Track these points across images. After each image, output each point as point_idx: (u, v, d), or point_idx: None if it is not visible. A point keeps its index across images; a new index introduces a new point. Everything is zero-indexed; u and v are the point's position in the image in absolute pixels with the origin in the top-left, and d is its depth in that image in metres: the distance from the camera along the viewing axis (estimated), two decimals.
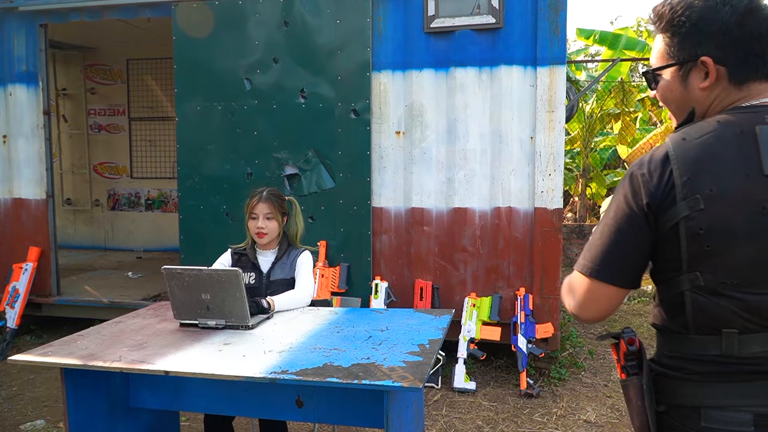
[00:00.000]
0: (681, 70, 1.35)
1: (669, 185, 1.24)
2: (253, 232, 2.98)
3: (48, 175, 5.52)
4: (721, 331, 1.24)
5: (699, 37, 1.31)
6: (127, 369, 2.15)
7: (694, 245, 1.23)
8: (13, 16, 5.43)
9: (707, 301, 1.24)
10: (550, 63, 4.37)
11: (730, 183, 1.21)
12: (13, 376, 4.75)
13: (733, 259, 1.21)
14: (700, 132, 1.27)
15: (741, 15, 1.29)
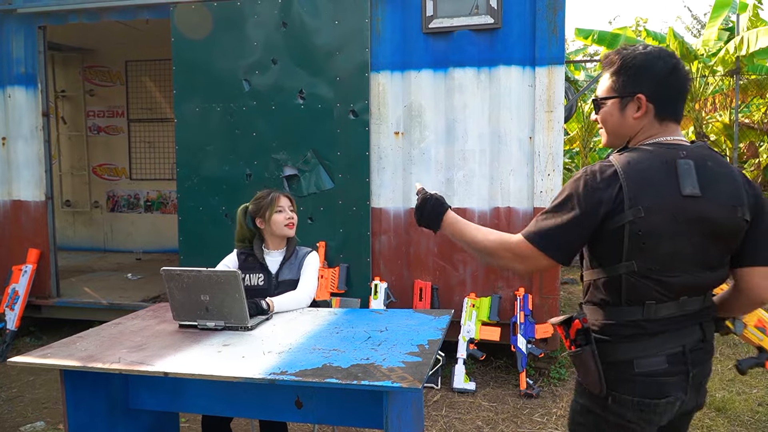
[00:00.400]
0: (621, 102, 1.79)
1: (619, 197, 1.65)
2: (281, 224, 2.99)
3: (47, 177, 5.52)
4: (644, 303, 1.71)
5: (638, 80, 1.76)
6: (127, 370, 2.15)
7: (633, 242, 1.66)
8: (12, 18, 5.43)
9: (637, 281, 1.69)
10: (548, 63, 4.37)
11: (661, 199, 1.65)
12: (12, 377, 4.75)
13: (658, 253, 1.67)
14: (639, 159, 1.70)
15: (669, 70, 1.75)
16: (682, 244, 1.68)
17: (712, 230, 1.69)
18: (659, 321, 1.71)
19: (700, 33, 16.46)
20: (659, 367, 1.71)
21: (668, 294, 1.70)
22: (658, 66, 1.75)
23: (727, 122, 10.07)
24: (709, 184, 1.69)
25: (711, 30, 10.00)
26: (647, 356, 1.71)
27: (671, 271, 1.69)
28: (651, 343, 1.71)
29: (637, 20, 14.45)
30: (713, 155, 1.77)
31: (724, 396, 4.22)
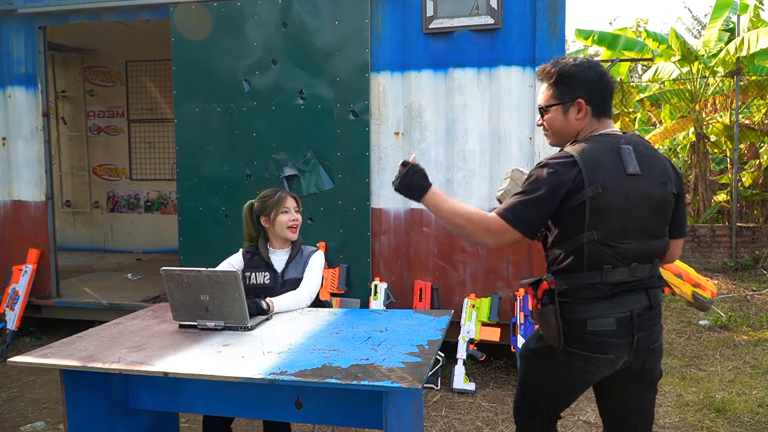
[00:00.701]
0: (563, 107, 2.13)
1: (578, 178, 1.97)
2: (284, 225, 2.98)
3: (47, 177, 5.52)
4: (602, 267, 2.01)
5: (575, 87, 2.11)
6: (126, 370, 2.15)
7: (593, 215, 1.98)
8: (12, 18, 5.43)
9: (597, 249, 2.01)
10: None
11: (613, 178, 2.00)
12: (13, 377, 4.75)
13: (614, 224, 2.00)
14: (591, 147, 2.05)
15: (599, 76, 2.13)
16: (632, 215, 2.02)
17: (652, 203, 2.06)
18: (613, 284, 2.02)
19: (700, 34, 16.45)
20: (608, 328, 2.02)
21: (622, 260, 2.02)
22: (590, 74, 2.11)
23: (727, 123, 10.08)
24: (644, 164, 2.06)
25: (711, 31, 10.01)
26: (599, 317, 2.02)
27: (625, 239, 2.02)
28: (603, 305, 2.02)
29: (638, 21, 14.46)
30: (644, 141, 2.17)
31: (723, 397, 4.22)
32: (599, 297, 2.02)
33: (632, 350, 2.04)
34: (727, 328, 5.99)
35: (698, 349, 5.40)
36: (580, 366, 2.07)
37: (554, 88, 2.15)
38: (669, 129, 10.53)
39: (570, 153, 2.03)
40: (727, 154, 10.79)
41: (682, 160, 12.59)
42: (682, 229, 2.23)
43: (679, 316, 6.50)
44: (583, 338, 2.03)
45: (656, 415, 3.99)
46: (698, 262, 9.23)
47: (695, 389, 4.41)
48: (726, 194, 10.70)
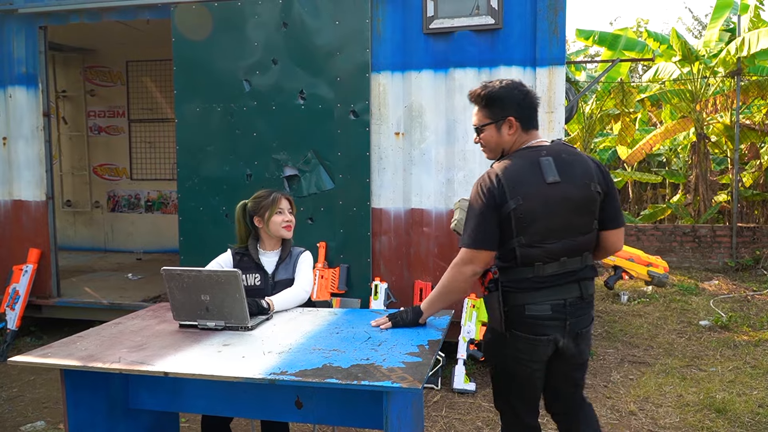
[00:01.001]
0: (496, 125, 2.41)
1: (502, 191, 2.27)
2: (278, 225, 2.98)
3: (48, 177, 5.52)
4: (534, 264, 2.32)
5: (505, 106, 2.39)
6: (127, 370, 2.15)
7: (518, 223, 2.28)
8: (13, 18, 5.44)
9: (526, 250, 2.30)
10: (549, 64, 4.37)
11: (533, 189, 2.29)
12: (13, 377, 4.75)
13: (537, 228, 2.29)
14: (511, 164, 2.34)
15: (524, 95, 2.40)
16: (554, 219, 2.30)
17: (574, 204, 2.33)
18: (546, 277, 2.33)
19: (701, 34, 16.45)
20: (544, 313, 2.33)
21: (551, 257, 2.32)
22: (516, 94, 2.40)
23: (728, 123, 10.07)
24: (565, 171, 2.32)
25: (712, 31, 10.00)
26: (535, 304, 2.33)
27: (550, 239, 2.31)
28: (539, 294, 2.33)
29: (638, 21, 14.45)
30: (567, 149, 2.43)
31: (724, 397, 4.22)
32: (535, 288, 2.33)
33: (565, 333, 2.36)
34: (728, 328, 5.99)
35: (698, 349, 5.40)
36: (526, 348, 2.36)
37: (487, 110, 2.43)
38: (669, 129, 10.52)
39: (494, 171, 2.34)
40: (727, 154, 10.79)
41: (682, 160, 12.59)
42: (616, 220, 2.44)
43: (680, 316, 6.50)
44: (523, 322, 2.34)
45: (657, 415, 3.99)
46: (699, 263, 9.24)
47: (696, 389, 4.41)
48: (726, 194, 10.70)
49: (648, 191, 13.69)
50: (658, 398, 4.27)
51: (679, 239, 9.36)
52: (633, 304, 7.10)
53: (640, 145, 10.82)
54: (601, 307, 7.00)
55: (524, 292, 2.34)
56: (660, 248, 9.41)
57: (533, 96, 2.45)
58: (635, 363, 5.05)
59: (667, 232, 9.46)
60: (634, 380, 4.64)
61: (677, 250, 9.36)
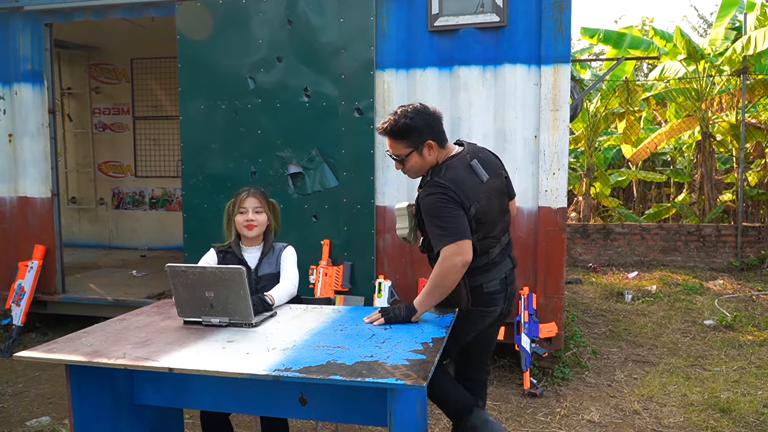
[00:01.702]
0: (418, 151, 2.70)
1: (462, 200, 2.60)
2: (241, 225, 3.01)
3: (53, 174, 5.54)
4: (488, 252, 2.76)
5: (421, 133, 2.68)
6: (132, 366, 2.15)
7: (477, 222, 2.66)
8: (19, 15, 5.45)
9: (483, 242, 2.71)
10: (554, 62, 4.36)
11: (479, 192, 2.67)
12: (18, 373, 4.77)
13: (488, 222, 2.71)
14: (456, 176, 2.65)
15: (431, 117, 2.71)
16: (493, 209, 2.74)
17: (499, 191, 2.80)
18: (494, 259, 2.79)
19: (706, 32, 16.39)
20: (495, 288, 2.80)
21: (496, 240, 2.78)
22: (426, 119, 2.69)
23: (733, 122, 10.04)
24: (487, 168, 2.74)
25: (718, 29, 9.96)
26: (490, 281, 2.78)
27: (494, 227, 2.76)
28: (491, 274, 2.78)
29: (643, 19, 14.41)
30: (477, 147, 2.86)
31: (728, 397, 4.21)
32: (487, 269, 2.76)
33: (505, 299, 2.85)
34: (733, 328, 5.98)
35: (703, 348, 5.39)
36: (479, 316, 2.80)
37: (405, 140, 2.69)
38: (674, 128, 10.49)
39: (445, 184, 2.61)
40: (732, 153, 10.75)
41: (687, 159, 12.55)
42: (513, 192, 2.99)
43: (684, 316, 6.49)
44: (481, 298, 2.77)
45: (661, 414, 3.99)
46: (704, 262, 9.21)
47: (700, 389, 4.40)
48: (732, 194, 10.66)
49: (652, 190, 13.66)
50: (662, 398, 4.27)
51: (684, 238, 9.34)
52: (637, 303, 7.08)
53: (645, 143, 10.79)
54: (605, 306, 6.99)
55: (482, 274, 2.75)
56: (664, 247, 9.39)
57: (438, 114, 2.76)
58: (639, 362, 5.04)
59: (672, 231, 9.44)
60: (638, 379, 4.63)
61: (682, 249, 9.34)
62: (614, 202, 12.07)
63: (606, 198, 11.91)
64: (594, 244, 9.65)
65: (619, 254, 9.55)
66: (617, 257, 9.54)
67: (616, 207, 11.82)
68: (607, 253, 9.60)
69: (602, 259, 9.57)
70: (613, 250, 9.58)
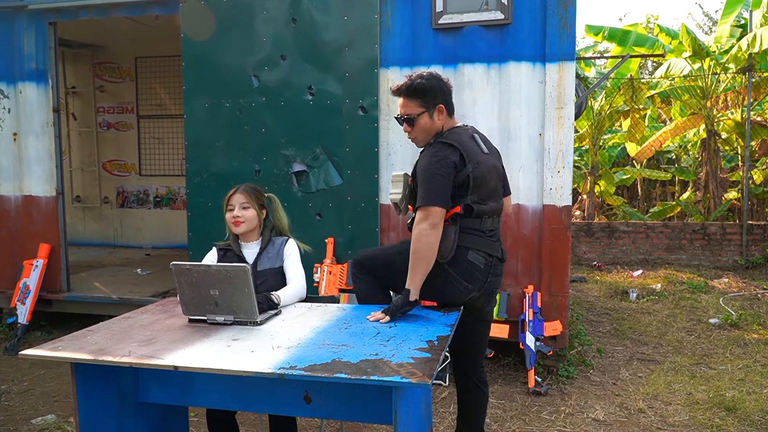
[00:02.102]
0: (429, 113, 2.79)
1: (462, 158, 2.68)
2: (229, 222, 3.02)
3: (58, 173, 5.55)
4: (482, 217, 2.76)
5: (435, 95, 2.77)
6: (137, 364, 2.15)
7: (474, 182, 2.70)
8: (23, 14, 5.46)
9: (479, 206, 2.73)
10: (559, 59, 4.35)
11: (480, 157, 2.75)
12: (24, 371, 4.79)
13: (485, 188, 2.76)
14: (460, 137, 2.75)
15: (446, 85, 2.82)
16: (492, 183, 2.80)
17: (497, 173, 2.87)
18: (486, 230, 2.79)
19: (711, 30, 16.33)
20: (479, 263, 2.76)
21: (490, 213, 2.79)
22: (440, 84, 2.79)
23: (738, 120, 10.00)
24: (488, 146, 2.86)
25: (723, 27, 9.92)
26: (476, 250, 2.75)
27: (491, 199, 2.80)
28: (480, 242, 2.77)
29: (648, 17, 14.37)
30: (476, 130, 2.93)
31: (734, 395, 4.20)
32: (478, 235, 2.76)
33: (483, 288, 2.79)
34: (738, 326, 5.96)
35: (708, 347, 5.37)
36: (449, 284, 2.75)
37: (419, 100, 2.76)
38: (679, 126, 10.46)
39: (449, 142, 2.70)
40: (738, 151, 10.71)
41: (692, 157, 12.51)
42: (508, 189, 3.04)
43: (689, 314, 6.47)
44: (461, 264, 2.73)
45: (666, 412, 3.98)
46: (708, 260, 9.18)
47: (705, 388, 4.38)
48: (737, 192, 10.62)
49: (657, 188, 13.62)
50: (667, 396, 4.25)
51: (689, 237, 9.31)
52: (642, 301, 7.06)
53: (650, 141, 10.76)
54: (609, 304, 6.98)
55: (471, 236, 2.75)
56: (669, 246, 9.36)
57: (451, 84, 2.86)
58: (644, 361, 5.03)
59: (677, 229, 9.41)
60: (643, 378, 4.62)
61: (687, 247, 9.31)
62: (619, 201, 12.04)
63: (610, 196, 11.88)
64: (598, 243, 9.63)
65: (623, 253, 9.53)
66: (622, 256, 9.52)
67: (621, 205, 11.80)
68: (611, 251, 9.57)
69: (607, 257, 9.55)
70: (618, 248, 9.55)
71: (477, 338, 3.01)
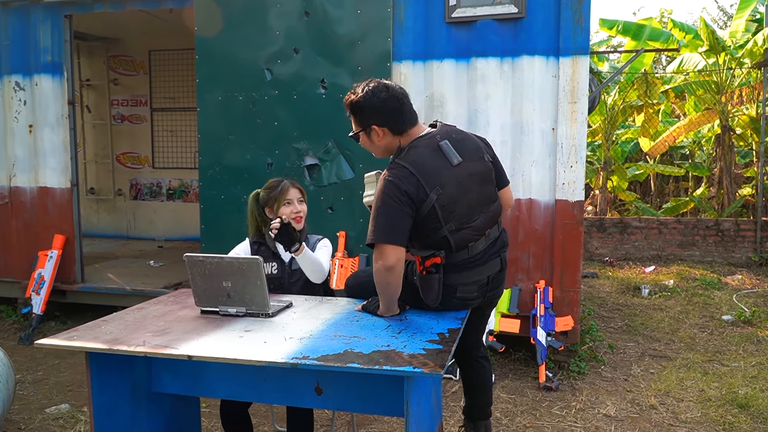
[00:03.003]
0: (366, 133, 2.53)
1: (421, 186, 2.34)
2: (289, 217, 2.94)
3: (72, 164, 5.60)
4: (467, 246, 2.46)
5: (366, 116, 2.48)
6: (151, 353, 2.18)
7: (444, 211, 2.38)
8: (39, 7, 5.50)
9: (458, 234, 2.42)
10: (573, 53, 4.32)
11: (444, 175, 2.39)
12: (38, 361, 4.84)
13: (461, 210, 2.42)
14: (417, 155, 2.40)
15: (382, 101, 2.44)
16: (470, 196, 2.45)
17: (478, 178, 2.49)
18: (477, 254, 2.49)
19: (726, 25, 16.14)
20: (470, 295, 2.55)
21: (479, 233, 2.48)
22: (374, 102, 2.44)
23: (753, 115, 9.89)
24: (461, 150, 2.46)
25: (739, 21, 9.81)
26: (465, 285, 2.50)
27: (473, 217, 2.46)
28: (470, 274, 2.49)
29: (662, 11, 14.22)
30: (453, 129, 2.57)
31: (746, 393, 4.17)
32: (468, 267, 2.48)
33: (482, 301, 2.64)
34: (751, 323, 5.91)
35: (721, 344, 5.34)
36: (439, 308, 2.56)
37: (354, 117, 2.53)
38: (694, 121, 10.36)
39: (404, 165, 2.37)
40: (752, 147, 10.60)
41: (706, 152, 12.39)
42: (505, 179, 2.71)
43: (702, 311, 6.42)
44: (451, 302, 2.54)
45: (678, 409, 3.96)
46: (722, 257, 9.11)
47: (717, 384, 4.36)
48: (751, 188, 10.52)
49: (670, 184, 13.51)
50: (679, 393, 4.23)
51: (702, 233, 9.23)
52: (654, 297, 7.02)
53: (664, 137, 10.67)
54: (621, 300, 6.94)
55: (458, 273, 2.48)
56: (682, 242, 9.29)
57: (397, 99, 2.46)
58: (656, 357, 5.01)
59: (690, 225, 9.34)
60: (654, 374, 4.60)
61: (700, 243, 9.24)
62: (631, 196, 11.96)
63: (623, 192, 11.81)
64: (611, 238, 9.58)
65: (636, 248, 9.47)
66: (634, 251, 9.46)
67: (633, 201, 11.72)
68: (623, 247, 9.52)
69: (619, 253, 9.50)
70: (630, 244, 9.50)
71: (475, 329, 2.87)
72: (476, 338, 2.96)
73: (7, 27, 5.60)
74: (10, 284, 5.89)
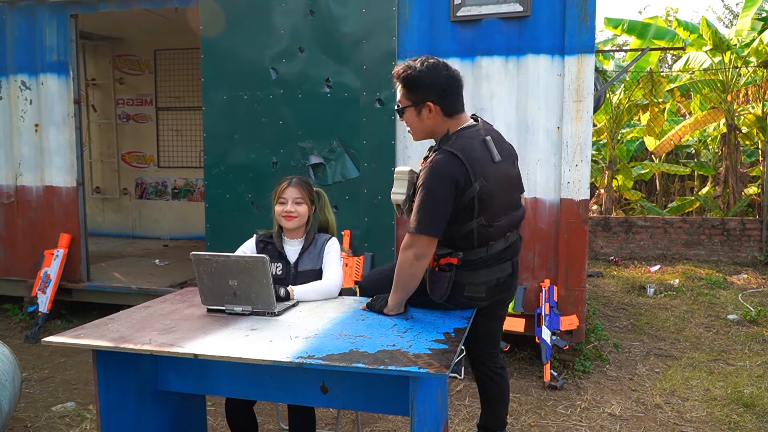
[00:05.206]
0: (416, 109, 2.44)
1: (468, 175, 2.33)
2: (280, 216, 2.93)
3: (78, 164, 5.62)
4: (488, 244, 2.45)
5: (423, 91, 2.39)
6: (158, 351, 2.18)
7: (481, 203, 2.37)
8: (45, 6, 5.52)
9: (485, 230, 2.42)
10: (578, 52, 4.31)
11: (488, 169, 2.38)
12: (44, 359, 4.86)
13: (494, 207, 2.42)
14: (466, 145, 2.37)
15: (446, 78, 2.39)
16: (503, 196, 2.45)
17: (512, 182, 2.53)
18: (494, 254, 2.48)
19: (732, 23, 16.09)
20: (478, 295, 2.52)
21: (500, 234, 2.48)
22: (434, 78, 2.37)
23: (759, 114, 9.85)
24: (501, 150, 2.47)
25: (744, 20, 9.77)
26: (474, 284, 2.48)
27: (500, 218, 2.45)
28: (482, 273, 2.47)
29: (668, 10, 14.18)
30: (493, 128, 2.58)
31: (752, 392, 4.16)
32: (483, 266, 2.47)
33: (489, 303, 2.60)
34: (756, 322, 5.89)
35: (726, 343, 5.32)
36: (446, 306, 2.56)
37: (407, 92, 2.43)
38: (699, 120, 10.32)
39: (454, 153, 2.35)
40: (758, 146, 10.56)
41: (712, 151, 12.35)
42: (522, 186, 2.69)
43: (707, 310, 6.40)
44: (459, 301, 2.53)
45: (683, 408, 3.95)
46: (727, 256, 9.08)
47: (723, 384, 4.35)
48: (757, 187, 10.48)
49: (676, 183, 13.47)
50: (684, 392, 4.22)
51: (708, 232, 9.20)
52: (659, 296, 7.01)
53: (669, 136, 10.64)
54: (626, 299, 6.93)
55: (471, 271, 2.47)
56: (688, 241, 9.26)
57: (455, 79, 2.43)
58: (661, 356, 4.99)
59: (695, 224, 9.31)
60: (660, 373, 4.59)
61: (705, 243, 9.21)
62: (636, 195, 11.93)
63: (628, 191, 11.78)
64: (616, 238, 9.56)
65: (641, 248, 9.45)
66: (639, 251, 9.44)
67: (639, 200, 11.69)
68: (629, 246, 9.50)
69: (624, 252, 9.48)
70: (635, 243, 9.47)
71: (488, 336, 2.83)
72: (490, 347, 2.90)
73: (13, 26, 5.62)
74: (16, 283, 5.91)
